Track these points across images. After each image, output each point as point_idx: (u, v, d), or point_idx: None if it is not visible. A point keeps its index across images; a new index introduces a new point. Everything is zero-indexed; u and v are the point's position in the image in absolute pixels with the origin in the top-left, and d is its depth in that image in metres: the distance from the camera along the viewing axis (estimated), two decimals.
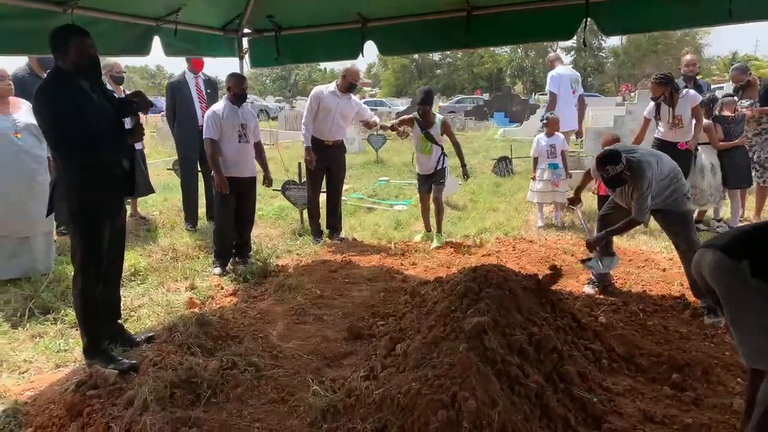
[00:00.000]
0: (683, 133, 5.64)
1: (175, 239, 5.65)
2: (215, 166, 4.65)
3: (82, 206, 2.99)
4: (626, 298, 4.02)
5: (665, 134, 5.73)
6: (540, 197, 6.43)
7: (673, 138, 5.66)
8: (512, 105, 25.75)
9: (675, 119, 5.60)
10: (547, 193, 6.36)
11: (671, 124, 5.63)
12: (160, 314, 3.93)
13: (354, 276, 4.68)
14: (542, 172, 6.35)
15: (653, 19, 3.88)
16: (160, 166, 10.51)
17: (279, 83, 61.20)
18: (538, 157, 6.40)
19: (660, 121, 5.73)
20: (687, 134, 5.64)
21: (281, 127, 21.03)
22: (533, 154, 6.48)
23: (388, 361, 2.86)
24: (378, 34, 4.62)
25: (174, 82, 6.19)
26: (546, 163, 6.32)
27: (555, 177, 6.29)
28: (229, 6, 4.77)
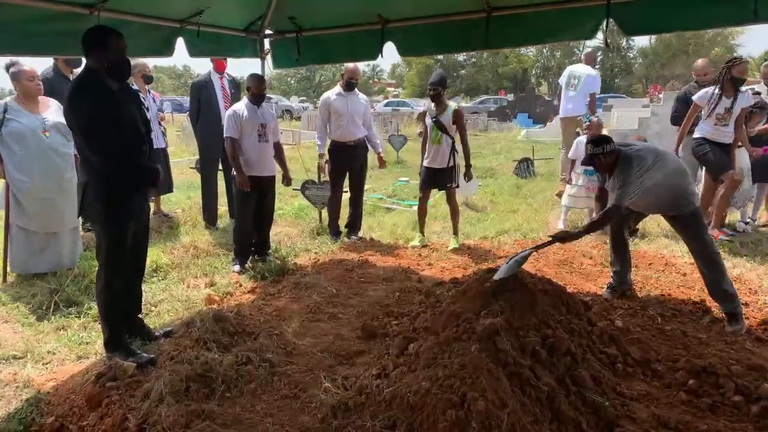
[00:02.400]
0: (726, 134, 5.35)
1: (196, 237, 5.76)
2: (236, 164, 4.72)
3: (111, 206, 3.07)
4: (644, 302, 3.96)
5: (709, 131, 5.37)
6: (573, 202, 6.23)
7: (718, 137, 5.35)
8: (536, 106, 25.51)
9: (727, 114, 5.28)
10: (580, 198, 6.13)
11: (720, 117, 5.30)
12: (179, 310, 4.01)
13: (370, 275, 4.71)
14: (577, 177, 6.12)
15: (675, 19, 3.79)
16: (183, 165, 10.69)
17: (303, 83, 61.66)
18: (576, 160, 6.09)
19: (711, 112, 5.32)
20: (730, 136, 5.38)
21: (303, 127, 21.21)
22: (572, 156, 6.21)
23: (400, 361, 2.87)
24: (398, 34, 4.64)
25: (198, 81, 6.30)
26: (582, 168, 5.98)
27: (590, 183, 5.96)
28: (251, 7, 4.84)
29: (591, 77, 7.78)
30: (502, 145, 15.95)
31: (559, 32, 4.25)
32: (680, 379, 2.85)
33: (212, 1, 4.27)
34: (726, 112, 5.27)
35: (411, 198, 8.21)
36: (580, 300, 3.52)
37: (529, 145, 12.90)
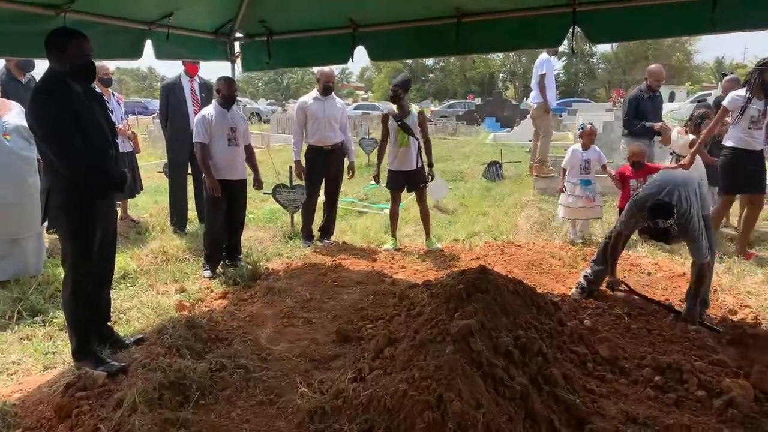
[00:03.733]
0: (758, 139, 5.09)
1: (165, 242, 5.66)
2: (206, 169, 4.67)
3: (75, 210, 3.00)
4: (611, 301, 4.07)
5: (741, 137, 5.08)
6: (570, 213, 5.93)
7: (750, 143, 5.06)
8: (503, 110, 25.90)
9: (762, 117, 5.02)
10: (578, 209, 5.87)
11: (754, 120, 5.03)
12: (149, 317, 3.94)
13: (343, 279, 4.71)
14: (573, 187, 5.86)
15: (638, 27, 3.95)
16: (150, 168, 10.49)
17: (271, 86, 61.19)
18: (568, 170, 5.91)
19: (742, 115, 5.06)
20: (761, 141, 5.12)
21: (273, 130, 21.05)
22: (564, 164, 5.99)
23: (376, 364, 2.89)
24: (369, 39, 4.66)
25: (168, 84, 6.21)
26: (578, 179, 5.82)
27: (588, 193, 5.81)
28: (221, 11, 4.80)
29: (542, 61, 8.16)
30: (471, 148, 16.14)
31: (527, 39, 4.37)
32: (647, 376, 2.94)
33: (182, 4, 4.22)
34: (761, 115, 5.05)
35: (383, 201, 8.24)
36: (551, 300, 3.61)
37: (497, 148, 13.09)
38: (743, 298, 4.16)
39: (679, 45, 43.83)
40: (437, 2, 4.24)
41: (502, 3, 4.12)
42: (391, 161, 5.63)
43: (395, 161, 5.57)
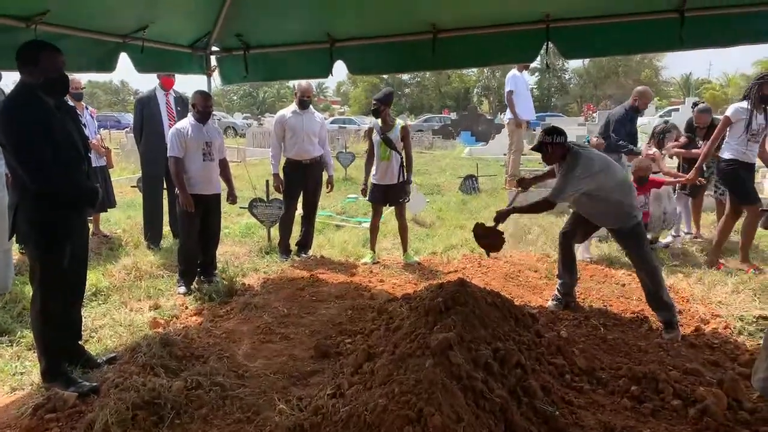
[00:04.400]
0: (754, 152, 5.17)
1: (138, 258, 5.55)
2: (180, 183, 4.62)
3: (45, 227, 2.93)
4: (587, 313, 4.13)
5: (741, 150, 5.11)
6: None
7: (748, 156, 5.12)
8: (478, 124, 26.22)
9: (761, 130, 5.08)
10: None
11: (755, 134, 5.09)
12: (122, 335, 3.85)
13: (321, 294, 4.68)
14: None
15: (610, 44, 4.08)
16: (123, 183, 10.31)
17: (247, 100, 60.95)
18: None
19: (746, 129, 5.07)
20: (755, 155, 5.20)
21: (249, 144, 20.94)
22: None
23: (355, 379, 2.86)
24: (347, 54, 4.69)
25: (143, 98, 6.14)
26: None
27: None
28: (197, 24, 4.77)
29: (508, 78, 8.44)
30: (447, 162, 16.28)
31: (501, 54, 4.46)
32: (623, 386, 2.97)
33: (157, 17, 4.19)
34: (761, 129, 5.11)
35: (360, 215, 8.24)
36: (528, 312, 3.64)
37: (473, 162, 13.22)
38: (714, 308, 4.25)
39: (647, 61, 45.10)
40: (414, 18, 4.30)
41: (478, 19, 4.20)
42: (374, 174, 5.65)
43: (377, 174, 5.60)
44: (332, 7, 4.34)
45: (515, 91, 8.49)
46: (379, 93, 5.62)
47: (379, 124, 5.55)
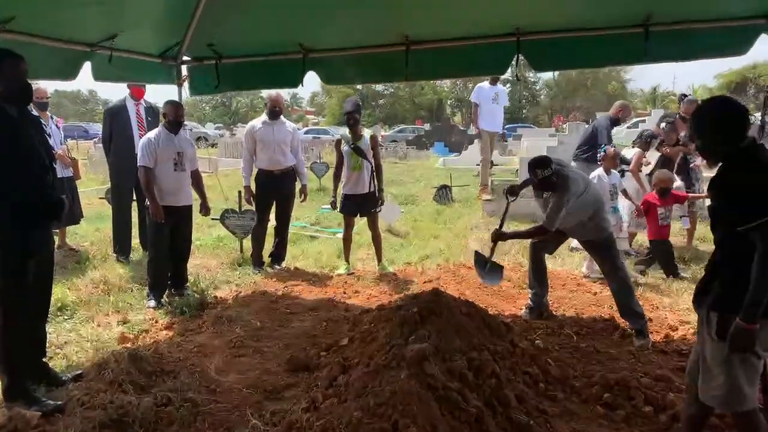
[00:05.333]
0: None
1: (106, 271, 5.41)
2: (150, 194, 4.53)
3: (7, 240, 2.82)
4: (561, 321, 4.17)
5: None
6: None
7: None
8: (452, 135, 26.47)
9: None
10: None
11: None
12: (89, 351, 3.73)
13: (295, 306, 4.63)
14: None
15: (579, 57, 4.19)
16: (91, 194, 10.07)
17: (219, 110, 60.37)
18: None
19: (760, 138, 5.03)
20: None
21: (221, 155, 20.72)
22: None
23: (330, 392, 2.83)
24: (319, 64, 4.69)
25: (113, 108, 6.02)
26: (609, 206, 5.20)
27: (617, 221, 5.40)
28: (167, 33, 4.71)
29: (474, 91, 8.71)
30: (421, 172, 16.37)
31: (473, 66, 4.55)
32: (596, 394, 3.01)
33: (126, 26, 4.12)
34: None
35: (335, 225, 8.20)
36: (502, 322, 3.66)
37: (447, 172, 13.32)
38: (682, 315, 4.34)
39: (614, 74, 46.21)
40: (387, 30, 4.33)
41: (450, 32, 4.25)
42: (344, 185, 5.62)
43: (348, 185, 5.58)
44: (305, 18, 4.34)
45: (479, 104, 8.68)
46: (350, 106, 5.59)
47: (348, 134, 5.55)
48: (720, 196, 2.15)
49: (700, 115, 2.21)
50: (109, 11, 3.92)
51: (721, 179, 2.13)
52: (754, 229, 1.97)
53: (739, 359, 2.08)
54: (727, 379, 2.10)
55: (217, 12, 4.35)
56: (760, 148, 2.13)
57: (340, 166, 5.67)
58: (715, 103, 2.28)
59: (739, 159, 2.10)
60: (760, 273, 1.97)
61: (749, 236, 1.99)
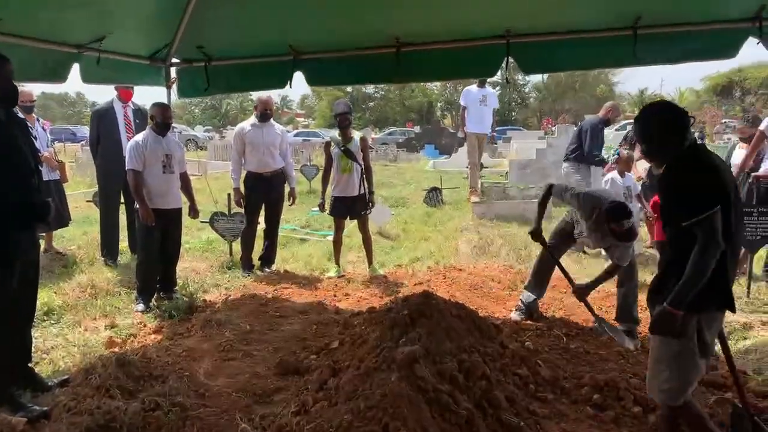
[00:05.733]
0: None
1: (94, 275, 5.35)
2: (139, 197, 4.50)
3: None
4: (550, 323, 4.18)
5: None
6: None
7: None
8: (442, 138, 26.55)
9: None
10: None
11: None
12: (75, 355, 3.69)
13: (285, 309, 4.60)
14: None
15: (568, 60, 4.23)
16: (78, 197, 9.97)
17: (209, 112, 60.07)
18: None
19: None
20: None
21: (210, 157, 20.62)
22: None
23: (320, 395, 2.82)
24: (309, 66, 4.68)
25: (100, 110, 5.96)
26: None
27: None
28: (156, 35, 4.68)
29: (462, 94, 8.74)
30: (411, 175, 16.39)
31: (463, 69, 4.56)
32: (586, 395, 3.02)
33: (114, 28, 4.09)
34: None
35: (325, 228, 8.18)
36: (492, 323, 3.67)
37: (437, 174, 13.36)
38: None
39: (603, 77, 46.55)
40: (377, 31, 4.33)
41: (441, 34, 4.26)
42: (334, 188, 5.61)
43: (338, 187, 5.57)
44: (295, 20, 4.34)
45: (467, 107, 8.72)
46: (342, 107, 5.61)
47: (337, 137, 5.54)
48: (667, 195, 2.26)
49: (644, 121, 2.32)
50: (97, 12, 3.90)
51: (667, 179, 2.24)
52: (696, 224, 2.08)
53: (684, 357, 2.17)
54: (672, 374, 2.19)
55: (207, 14, 4.34)
56: (701, 149, 2.28)
57: (329, 169, 5.66)
58: (658, 108, 2.38)
59: (683, 160, 2.21)
60: (695, 264, 2.09)
61: (694, 232, 2.09)
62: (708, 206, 2.06)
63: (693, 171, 2.17)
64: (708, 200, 2.07)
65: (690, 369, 2.19)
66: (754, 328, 4.04)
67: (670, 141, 2.23)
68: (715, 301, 2.19)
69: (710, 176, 2.15)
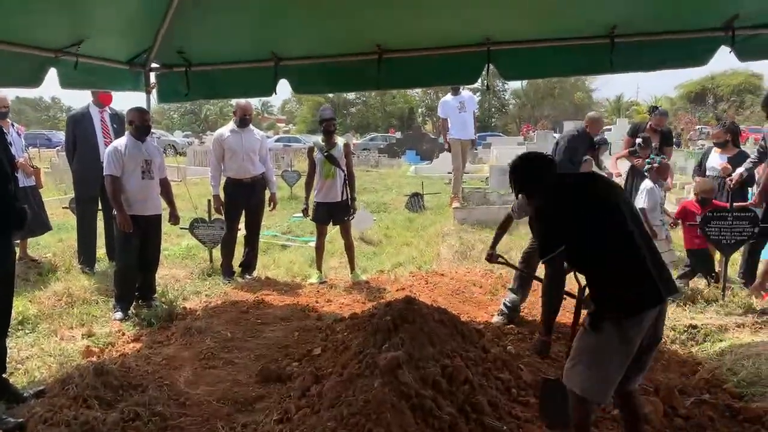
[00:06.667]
0: None
1: (71, 283, 5.24)
2: (117, 204, 4.43)
3: None
4: (532, 327, 4.21)
5: None
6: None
7: None
8: (423, 143, 26.65)
9: None
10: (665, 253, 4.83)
11: None
12: (51, 365, 3.61)
13: (267, 316, 4.57)
14: (660, 231, 5.13)
15: (547, 67, 4.32)
16: (54, 204, 9.78)
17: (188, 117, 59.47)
18: (648, 211, 5.07)
19: None
20: None
21: (190, 163, 20.42)
22: (647, 205, 5.11)
23: (302, 403, 2.80)
24: (291, 72, 4.67)
25: (76, 115, 5.86)
26: (660, 220, 5.13)
27: (665, 234, 5.30)
28: (136, 40, 4.62)
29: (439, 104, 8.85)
30: (393, 180, 16.41)
31: (444, 76, 4.62)
32: None
33: (92, 32, 4.03)
34: None
35: (307, 234, 8.15)
36: (474, 328, 3.68)
37: (419, 180, 13.39)
38: None
39: (580, 84, 47.30)
40: (359, 38, 4.35)
41: (422, 41, 4.29)
42: (317, 193, 5.60)
43: (321, 193, 5.56)
44: (277, 26, 4.33)
45: (447, 117, 8.76)
46: (327, 113, 5.62)
47: (321, 142, 5.54)
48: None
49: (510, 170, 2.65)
50: (74, 16, 3.84)
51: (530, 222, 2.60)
52: (546, 262, 2.42)
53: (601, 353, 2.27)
54: (586, 368, 2.30)
55: (187, 19, 4.30)
56: (561, 188, 2.50)
57: (312, 174, 5.65)
58: (520, 159, 2.66)
59: (540, 203, 2.51)
60: (543, 295, 2.54)
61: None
62: (552, 249, 2.35)
63: (542, 216, 2.46)
64: (552, 243, 2.36)
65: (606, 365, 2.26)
66: (729, 331, 4.12)
67: (531, 188, 2.57)
68: (624, 307, 2.23)
69: (556, 220, 2.40)
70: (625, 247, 2.29)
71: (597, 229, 2.31)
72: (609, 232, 2.31)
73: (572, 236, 2.34)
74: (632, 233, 2.31)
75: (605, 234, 2.30)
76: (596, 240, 2.30)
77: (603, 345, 2.26)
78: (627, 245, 2.29)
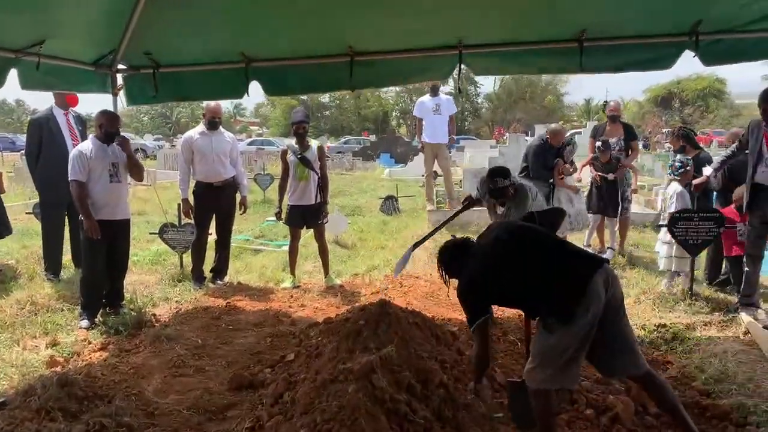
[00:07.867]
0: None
1: (34, 290, 5.08)
2: (84, 209, 4.31)
3: None
4: (505, 329, 4.23)
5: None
6: (683, 264, 5.12)
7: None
8: (397, 146, 26.74)
9: None
10: (685, 260, 5.08)
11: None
12: (13, 376, 3.48)
13: (239, 322, 4.49)
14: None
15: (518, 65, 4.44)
16: (18, 209, 9.48)
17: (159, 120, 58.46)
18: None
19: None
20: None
21: (160, 167, 20.08)
22: (679, 208, 4.99)
23: (275, 410, 2.75)
24: (263, 74, 4.62)
25: (40, 118, 5.66)
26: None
27: None
28: (101, 40, 4.50)
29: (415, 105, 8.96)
30: (368, 183, 16.39)
31: (418, 73, 4.71)
32: None
33: (55, 31, 3.92)
34: None
35: (280, 238, 8.06)
36: (449, 330, 3.69)
37: (393, 183, 13.42)
38: None
39: (551, 88, 48.10)
40: (330, 40, 4.33)
41: (394, 43, 4.30)
42: (290, 196, 5.54)
43: (294, 195, 5.50)
44: (247, 27, 4.28)
45: (422, 117, 8.81)
46: (300, 116, 5.55)
47: (294, 144, 5.49)
48: None
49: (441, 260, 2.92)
50: (36, 15, 3.72)
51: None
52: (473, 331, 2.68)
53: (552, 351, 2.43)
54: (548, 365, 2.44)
55: (155, 19, 4.21)
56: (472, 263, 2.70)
57: (286, 177, 5.59)
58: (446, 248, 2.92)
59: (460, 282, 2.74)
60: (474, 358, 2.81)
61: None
62: (473, 321, 2.62)
63: (461, 293, 2.69)
64: (473, 317, 2.62)
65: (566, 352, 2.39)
66: (696, 329, 4.21)
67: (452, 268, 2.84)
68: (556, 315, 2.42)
69: (471, 297, 2.65)
70: (542, 274, 2.49)
71: (515, 279, 2.55)
72: (527, 275, 2.52)
73: (495, 298, 2.66)
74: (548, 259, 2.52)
75: (524, 278, 2.53)
76: (517, 286, 2.56)
77: (559, 338, 2.39)
78: (544, 271, 2.48)
